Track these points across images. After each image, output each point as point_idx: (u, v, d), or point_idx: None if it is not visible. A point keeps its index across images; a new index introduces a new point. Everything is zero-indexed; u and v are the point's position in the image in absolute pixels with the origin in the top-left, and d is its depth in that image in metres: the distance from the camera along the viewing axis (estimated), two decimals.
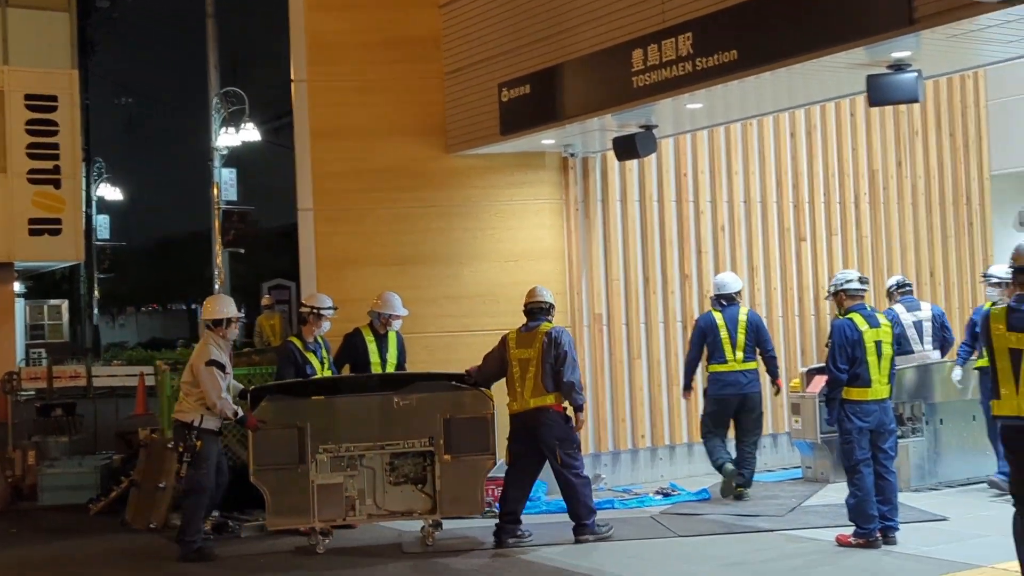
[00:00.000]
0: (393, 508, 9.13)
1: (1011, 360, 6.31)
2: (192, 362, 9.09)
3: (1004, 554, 7.64)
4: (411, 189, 11.30)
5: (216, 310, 9.24)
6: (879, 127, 13.29)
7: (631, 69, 9.10)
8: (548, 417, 9.05)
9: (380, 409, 9.09)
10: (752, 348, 10.68)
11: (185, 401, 9.08)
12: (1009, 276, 9.85)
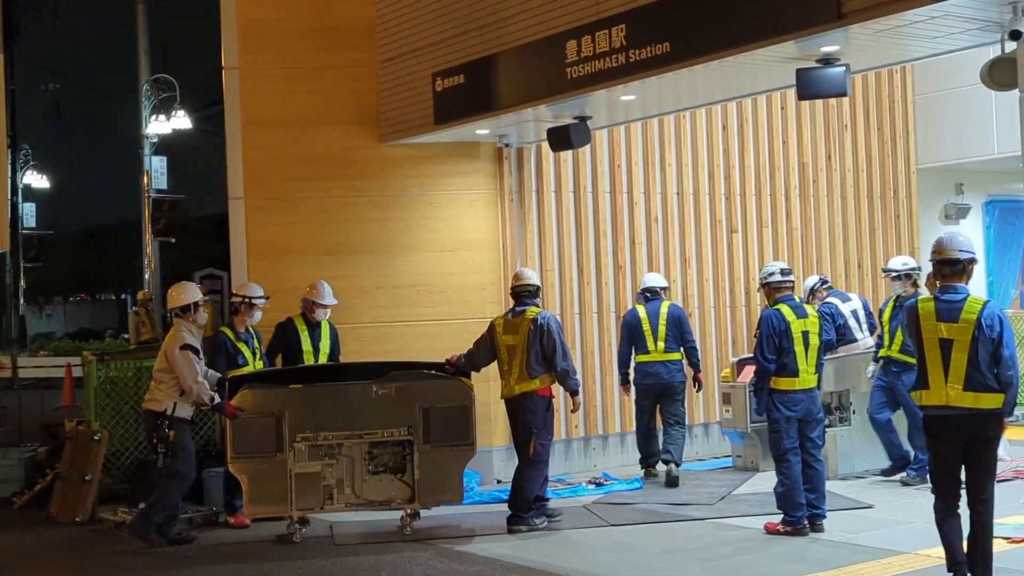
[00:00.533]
0: (372, 497, 9.07)
1: (941, 351, 6.42)
2: (165, 349, 9.00)
3: (928, 541, 7.81)
4: (344, 178, 11.23)
5: (181, 297, 9.14)
6: (809, 121, 13.46)
7: (565, 60, 9.11)
8: (531, 402, 9.10)
9: (359, 398, 9.00)
10: (674, 339, 10.92)
11: (157, 390, 8.97)
12: (906, 269, 10.17)
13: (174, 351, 8.85)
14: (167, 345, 8.99)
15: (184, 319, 9.07)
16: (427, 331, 11.23)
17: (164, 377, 8.94)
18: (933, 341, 6.46)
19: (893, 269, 10.43)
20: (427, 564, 8.08)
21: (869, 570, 7.33)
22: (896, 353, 10.09)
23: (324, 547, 8.78)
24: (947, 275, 6.57)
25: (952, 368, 6.42)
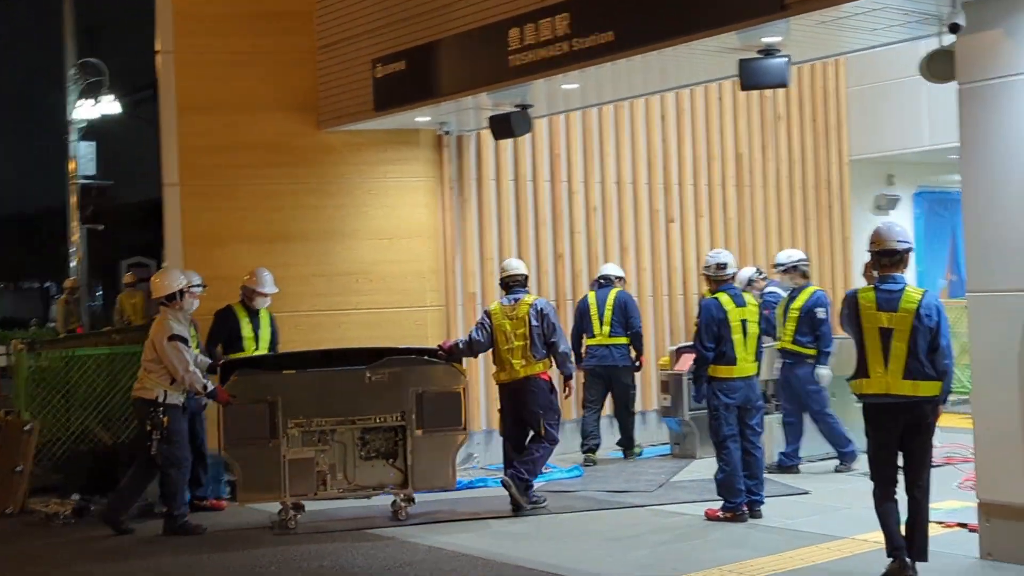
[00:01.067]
0: (364, 483, 9.08)
1: (881, 340, 6.52)
2: (152, 339, 8.91)
3: (864, 526, 7.95)
4: (282, 165, 11.11)
5: (165, 285, 9.07)
6: (745, 112, 13.59)
7: (508, 48, 9.09)
8: (536, 385, 9.27)
9: (352, 384, 9.00)
10: (620, 324, 11.23)
11: (146, 378, 8.91)
12: (792, 262, 10.36)
13: (162, 342, 8.78)
14: (154, 335, 8.90)
15: (170, 307, 9.00)
16: (366, 319, 11.17)
17: (153, 366, 8.88)
18: (873, 330, 6.56)
19: (781, 263, 10.78)
20: (369, 554, 8.04)
21: (809, 555, 7.43)
22: (789, 344, 10.39)
23: (265, 537, 8.70)
24: (886, 265, 6.68)
25: (892, 357, 6.54)
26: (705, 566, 7.25)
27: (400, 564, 7.72)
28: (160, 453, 8.82)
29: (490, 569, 7.47)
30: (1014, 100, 6.80)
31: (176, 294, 9.03)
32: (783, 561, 7.30)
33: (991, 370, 7.00)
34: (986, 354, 7.05)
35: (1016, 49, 6.77)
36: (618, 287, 11.48)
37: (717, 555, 7.54)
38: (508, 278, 9.58)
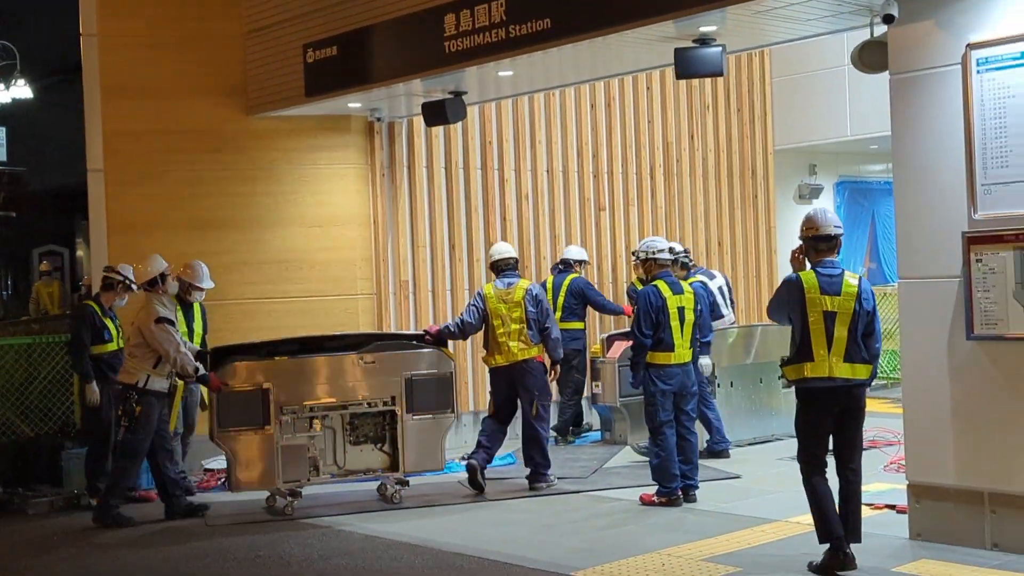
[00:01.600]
0: (353, 468, 9.16)
1: (825, 323, 6.59)
2: (138, 324, 8.83)
3: (794, 508, 8.08)
4: (210, 151, 10.96)
5: (148, 271, 9.02)
6: (673, 101, 13.71)
7: (443, 34, 9.06)
8: (532, 367, 9.43)
9: (343, 369, 9.03)
10: (573, 309, 11.46)
11: (129, 362, 8.84)
12: (675, 254, 10.42)
13: (149, 326, 8.71)
14: (140, 321, 8.83)
15: (154, 292, 8.94)
16: (296, 308, 11.08)
17: (137, 351, 8.81)
18: (818, 314, 6.58)
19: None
20: (305, 543, 7.97)
21: (744, 538, 7.53)
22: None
23: (198, 529, 8.58)
24: (823, 250, 6.71)
25: (835, 340, 6.59)
26: (642, 550, 7.30)
27: (336, 553, 7.67)
28: (122, 439, 8.76)
29: (426, 556, 7.45)
30: (944, 91, 6.95)
31: (158, 278, 8.98)
32: (718, 544, 7.39)
33: (921, 355, 7.15)
34: (916, 339, 7.19)
35: (947, 40, 6.91)
36: (576, 272, 11.69)
37: (653, 539, 7.60)
38: (500, 262, 9.65)
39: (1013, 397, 6.73)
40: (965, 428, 6.95)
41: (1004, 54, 6.69)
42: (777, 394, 11.45)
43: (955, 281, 6.92)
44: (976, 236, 6.81)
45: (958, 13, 6.87)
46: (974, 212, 6.83)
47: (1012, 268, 6.66)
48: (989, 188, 6.77)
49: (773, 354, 11.34)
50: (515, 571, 6.97)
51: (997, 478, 6.82)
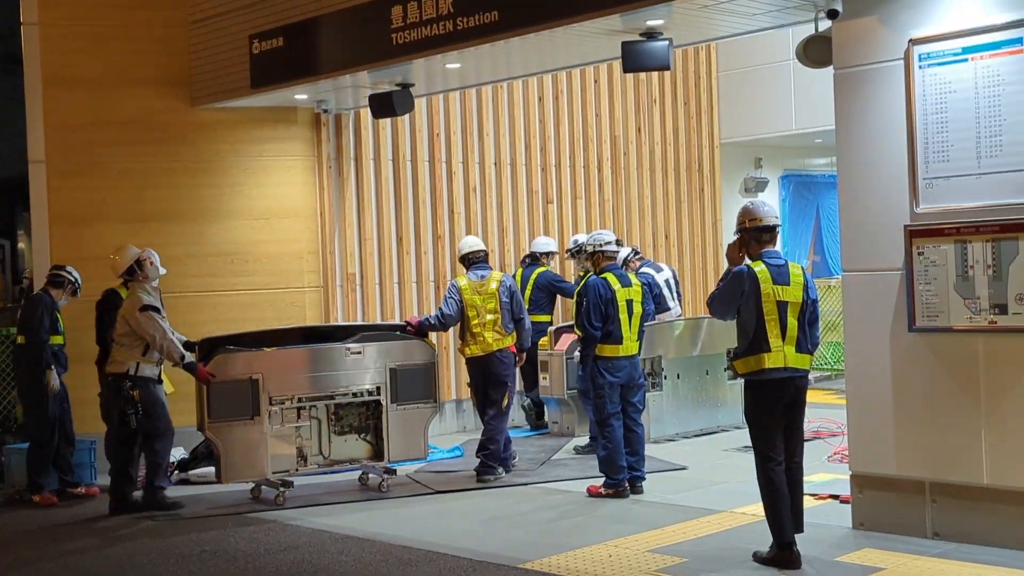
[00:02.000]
0: (338, 457, 9.30)
1: (779, 313, 6.58)
2: (123, 314, 8.84)
3: (740, 499, 8.19)
4: (154, 142, 10.84)
5: (123, 263, 9.04)
6: (620, 94, 13.76)
7: (390, 26, 9.02)
8: (507, 357, 9.59)
9: (331, 359, 9.13)
10: (539, 303, 11.65)
11: (118, 352, 8.85)
12: (578, 247, 10.48)
13: (135, 314, 8.72)
14: (125, 310, 8.84)
15: (135, 281, 8.94)
16: (242, 301, 11.00)
17: (125, 340, 8.80)
18: (772, 304, 6.55)
19: (570, 248, 11.30)
20: (252, 538, 7.92)
21: (690, 528, 7.58)
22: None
23: (143, 526, 8.49)
24: (766, 241, 6.70)
25: (788, 330, 6.58)
26: (590, 542, 7.33)
27: (283, 548, 7.62)
28: (141, 427, 8.75)
29: (374, 550, 7.43)
30: (887, 86, 7.03)
31: (134, 267, 8.96)
32: (664, 535, 7.43)
33: (864, 347, 7.24)
34: (859, 331, 7.28)
35: (891, 36, 6.99)
36: (544, 266, 11.84)
37: (602, 531, 7.64)
38: (471, 255, 9.76)
39: (954, 388, 6.83)
40: (907, 419, 7.04)
41: (945, 50, 6.79)
42: (723, 386, 11.56)
43: (897, 274, 7.01)
44: (918, 229, 6.91)
45: (901, 9, 6.96)
46: (916, 206, 6.92)
47: (953, 261, 6.77)
48: (931, 182, 6.87)
49: (719, 346, 11.47)
50: (462, 564, 6.97)
51: (938, 468, 6.92)
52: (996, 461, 6.67)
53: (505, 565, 6.87)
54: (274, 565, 7.18)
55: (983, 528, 6.74)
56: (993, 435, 6.68)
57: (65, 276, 9.69)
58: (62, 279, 9.67)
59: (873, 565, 6.50)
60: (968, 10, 6.70)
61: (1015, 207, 6.53)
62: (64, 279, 9.67)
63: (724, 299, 6.69)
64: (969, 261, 6.71)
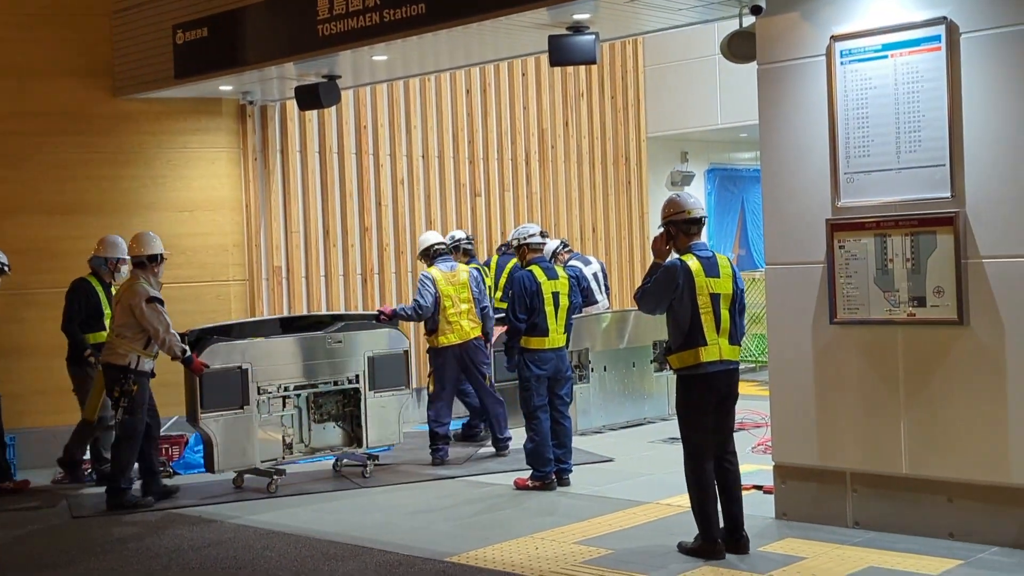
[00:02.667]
0: (317, 445, 9.48)
1: (713, 306, 6.59)
2: (126, 303, 8.65)
3: (666, 490, 8.27)
4: (75, 133, 10.65)
5: (145, 248, 8.83)
6: (548, 88, 13.79)
7: (316, 17, 8.95)
8: (481, 344, 10.03)
9: (314, 348, 9.30)
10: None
11: (119, 343, 8.66)
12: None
13: (140, 304, 8.54)
14: (127, 299, 8.64)
15: (144, 271, 8.77)
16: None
17: (126, 331, 8.62)
18: (706, 298, 6.55)
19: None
20: (175, 534, 7.82)
21: (616, 520, 7.63)
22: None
23: (64, 521, 8.36)
24: (694, 233, 6.72)
25: (722, 322, 6.60)
26: (516, 535, 7.35)
27: (207, 544, 7.54)
28: (121, 423, 8.61)
29: (299, 545, 7.38)
30: (810, 81, 7.13)
31: (158, 257, 8.86)
32: (591, 527, 7.48)
33: (786, 339, 7.34)
34: (782, 324, 7.38)
35: (812, 32, 7.09)
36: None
37: (529, 523, 7.66)
38: (433, 248, 10.06)
39: (873, 380, 6.96)
40: (828, 410, 7.16)
41: (866, 46, 6.90)
42: (649, 378, 11.65)
43: (819, 267, 7.12)
44: (839, 223, 7.02)
45: (823, 5, 7.05)
46: (837, 200, 7.03)
47: (873, 254, 6.89)
48: (851, 177, 6.98)
49: (646, 339, 11.56)
50: (389, 558, 6.95)
51: (859, 458, 7.04)
52: (914, 451, 6.81)
53: (432, 559, 6.87)
54: (198, 561, 7.11)
55: (902, 516, 6.88)
56: (912, 425, 6.82)
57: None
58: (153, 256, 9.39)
59: (795, 555, 6.60)
60: (888, 7, 6.82)
61: (933, 202, 6.66)
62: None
63: (656, 293, 6.62)
64: (889, 254, 6.84)
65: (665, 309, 6.67)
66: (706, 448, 6.66)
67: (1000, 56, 6.42)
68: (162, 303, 8.74)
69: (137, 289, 8.68)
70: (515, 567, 6.60)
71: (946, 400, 6.68)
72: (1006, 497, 6.51)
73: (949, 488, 6.71)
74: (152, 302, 8.63)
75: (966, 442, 6.62)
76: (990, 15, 6.45)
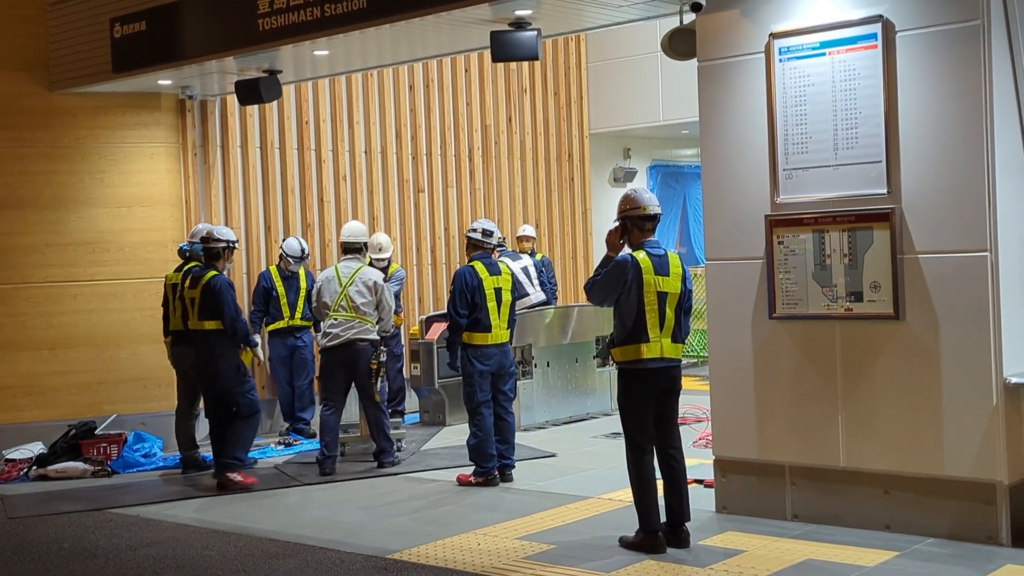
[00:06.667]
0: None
1: (658, 304, 6.62)
2: (369, 284, 9.36)
3: (608, 485, 8.31)
4: (8, 127, 10.48)
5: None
6: (491, 84, 13.78)
7: (257, 11, 8.87)
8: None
9: None
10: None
11: (367, 321, 9.34)
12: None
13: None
14: (361, 280, 9.38)
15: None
16: (103, 291, 10.71)
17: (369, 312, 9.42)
18: (653, 295, 6.59)
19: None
20: (113, 533, 7.73)
21: (559, 515, 7.65)
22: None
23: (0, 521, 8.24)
24: (648, 230, 6.76)
25: (666, 321, 6.64)
26: (458, 530, 7.34)
27: (145, 543, 7.45)
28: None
29: (239, 543, 7.31)
30: (749, 78, 7.18)
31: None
32: (534, 523, 7.48)
33: (726, 334, 7.40)
34: (722, 319, 7.44)
35: (752, 29, 7.14)
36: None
37: (471, 519, 7.66)
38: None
39: (811, 374, 7.03)
40: (768, 404, 7.23)
41: (805, 43, 6.96)
42: (592, 373, 11.70)
43: (759, 263, 7.18)
44: (778, 219, 7.08)
45: (762, 3, 7.11)
46: (776, 196, 7.09)
47: (811, 250, 6.96)
48: (790, 173, 7.05)
49: (589, 334, 11.60)
50: (330, 555, 6.91)
51: (797, 452, 7.12)
52: (852, 444, 6.90)
53: (374, 556, 6.84)
54: (136, 561, 7.02)
55: (839, 509, 6.96)
56: (849, 419, 6.90)
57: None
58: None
59: (735, 548, 6.65)
60: (826, 6, 6.89)
61: (870, 198, 6.74)
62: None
63: (606, 286, 6.67)
64: (827, 250, 6.91)
65: (613, 302, 6.72)
66: (646, 441, 6.71)
67: (935, 54, 6.51)
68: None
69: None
70: (457, 563, 6.60)
71: (882, 394, 6.77)
72: (941, 489, 6.61)
73: (885, 480, 6.80)
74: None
75: (902, 435, 6.72)
76: (925, 14, 6.53)
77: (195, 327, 9.18)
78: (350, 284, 9.39)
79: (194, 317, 9.17)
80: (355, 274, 9.42)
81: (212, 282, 9.07)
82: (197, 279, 9.16)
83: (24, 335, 10.41)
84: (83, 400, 10.53)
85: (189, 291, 9.24)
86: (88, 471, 9.62)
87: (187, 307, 9.26)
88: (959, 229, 6.47)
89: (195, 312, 9.15)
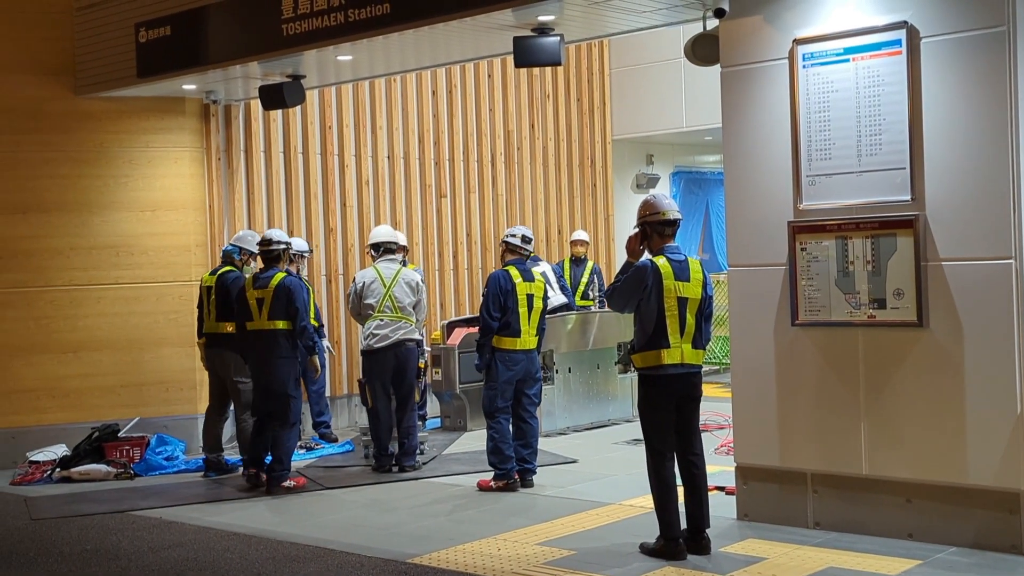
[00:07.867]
0: None
1: (679, 309, 6.60)
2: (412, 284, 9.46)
3: (629, 491, 8.28)
4: (36, 132, 10.55)
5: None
6: (514, 90, 13.80)
7: (281, 17, 8.91)
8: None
9: None
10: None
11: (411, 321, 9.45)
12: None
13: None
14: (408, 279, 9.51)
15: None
16: (126, 294, 10.78)
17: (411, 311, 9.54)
18: (673, 300, 6.57)
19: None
20: (135, 535, 7.76)
21: (579, 521, 7.64)
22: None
23: (23, 523, 8.26)
24: (668, 235, 6.74)
25: (686, 326, 6.62)
26: (478, 536, 7.34)
27: (167, 545, 7.48)
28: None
29: (260, 547, 7.33)
30: (772, 84, 7.16)
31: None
32: (554, 528, 7.48)
33: (749, 341, 7.37)
34: (744, 325, 7.41)
35: (775, 35, 7.13)
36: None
37: (492, 524, 7.65)
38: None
39: (834, 381, 7.00)
40: (790, 412, 7.19)
41: (828, 50, 6.94)
42: (614, 379, 11.68)
43: (781, 269, 7.16)
44: (801, 226, 7.05)
45: (786, 9, 7.09)
46: (799, 202, 7.07)
47: (834, 257, 6.93)
48: (813, 179, 7.02)
49: (610, 340, 11.59)
50: (350, 559, 6.92)
51: (820, 459, 7.08)
52: (874, 452, 6.86)
53: (393, 560, 6.84)
54: (158, 563, 7.05)
55: (862, 517, 6.92)
56: (872, 426, 6.86)
57: None
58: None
59: (756, 555, 6.63)
60: (850, 11, 6.87)
61: (894, 204, 6.71)
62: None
63: (625, 292, 6.64)
64: (850, 257, 6.88)
65: (633, 308, 6.70)
66: (666, 447, 6.69)
67: (960, 60, 6.48)
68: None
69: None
70: (477, 568, 6.59)
71: (905, 402, 6.73)
72: (964, 498, 6.56)
73: (908, 489, 6.76)
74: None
75: (925, 443, 6.67)
76: (950, 20, 6.50)
77: (260, 327, 9.06)
78: (394, 284, 9.42)
79: (263, 317, 9.07)
80: (397, 275, 9.49)
81: (286, 282, 9.05)
82: (267, 280, 9.08)
83: (48, 338, 10.48)
84: (106, 403, 10.59)
85: (256, 291, 9.11)
86: (111, 473, 9.67)
87: (250, 308, 9.11)
88: (983, 236, 6.43)
89: (264, 312, 9.06)
